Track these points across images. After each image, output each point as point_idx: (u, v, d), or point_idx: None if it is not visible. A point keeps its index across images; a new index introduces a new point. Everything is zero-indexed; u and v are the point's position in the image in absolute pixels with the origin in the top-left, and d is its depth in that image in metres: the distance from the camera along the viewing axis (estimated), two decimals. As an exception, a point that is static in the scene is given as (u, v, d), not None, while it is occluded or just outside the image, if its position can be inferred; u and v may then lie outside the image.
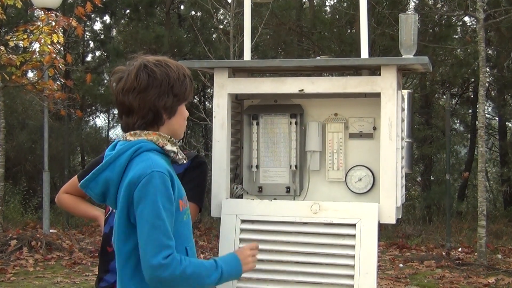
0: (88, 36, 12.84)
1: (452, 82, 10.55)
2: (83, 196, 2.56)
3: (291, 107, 2.32)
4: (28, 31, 6.96)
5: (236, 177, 2.38)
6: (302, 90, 2.15)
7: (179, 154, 1.77)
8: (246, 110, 2.38)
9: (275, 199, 2.21)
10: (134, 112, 1.72)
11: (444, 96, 10.57)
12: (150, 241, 1.59)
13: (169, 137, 1.76)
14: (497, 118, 11.68)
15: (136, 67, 1.72)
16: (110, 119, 13.28)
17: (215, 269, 1.69)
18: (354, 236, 2.05)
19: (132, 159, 1.69)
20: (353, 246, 2.04)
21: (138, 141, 1.72)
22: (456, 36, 10.64)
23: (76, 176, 2.56)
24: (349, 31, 10.52)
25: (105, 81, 11.92)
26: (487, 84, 7.74)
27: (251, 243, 1.90)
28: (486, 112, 8.31)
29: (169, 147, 1.75)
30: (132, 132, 1.73)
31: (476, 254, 6.74)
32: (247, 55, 2.39)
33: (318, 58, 2.30)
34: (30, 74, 8.50)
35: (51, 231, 8.15)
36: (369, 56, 2.24)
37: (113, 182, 1.69)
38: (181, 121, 1.80)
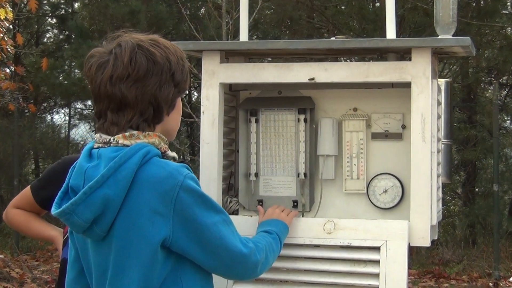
0: (44, 11, 12.85)
1: (501, 69, 10.56)
2: (37, 212, 2.57)
3: (299, 100, 2.33)
4: (-31, 5, 6.96)
5: (230, 188, 2.38)
6: (312, 78, 2.15)
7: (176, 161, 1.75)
8: (242, 103, 2.38)
9: (278, 215, 2.21)
10: (129, 106, 1.66)
11: (491, 87, 10.57)
12: (226, 238, 1.67)
13: (165, 139, 1.73)
14: (557, 114, 11.69)
15: (128, 48, 1.67)
16: (71, 115, 13.29)
17: (276, 238, 1.95)
18: (378, 262, 2.05)
19: (139, 168, 1.62)
20: (377, 275, 2.05)
21: (141, 144, 1.65)
22: (506, 12, 10.66)
23: (28, 187, 2.56)
24: (372, 5, 10.54)
25: (66, 67, 11.93)
26: (545, 71, 7.74)
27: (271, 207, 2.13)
28: (544, 106, 8.31)
29: (170, 152, 1.72)
30: (127, 134, 1.66)
31: (531, 285, 6.74)
32: (243, 34, 2.40)
33: (333, 38, 2.30)
34: (-29, 59, 8.49)
35: (-4, 256, 8.14)
36: (397, 36, 2.24)
37: (114, 202, 1.61)
38: (178, 118, 1.78)
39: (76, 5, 13.07)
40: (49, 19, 13.39)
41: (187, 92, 12.07)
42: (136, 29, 1.79)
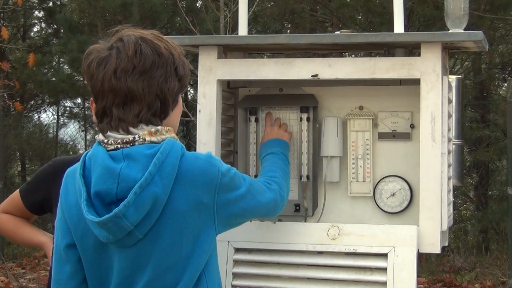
0: (31, 3, 12.85)
1: (516, 65, 10.57)
2: (27, 217, 2.57)
3: (301, 98, 2.33)
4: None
5: (228, 191, 2.38)
6: (316, 75, 2.15)
7: None
8: (241, 102, 2.38)
9: (280, 220, 2.21)
10: (135, 100, 1.68)
11: (506, 84, 10.58)
12: (258, 196, 1.84)
13: None
14: None
15: (132, 41, 1.70)
16: (60, 114, 13.29)
17: (286, 159, 2.16)
18: (385, 269, 2.05)
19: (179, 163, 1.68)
20: (384, 283, 2.05)
21: (172, 139, 1.70)
22: (522, 4, 10.65)
23: (17, 191, 2.56)
24: (379, -3, 10.54)
25: (54, 63, 11.92)
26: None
27: (266, 123, 2.29)
28: (561, 104, 8.30)
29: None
30: (153, 130, 1.69)
31: (548, 294, 6.74)
32: (242, 28, 2.40)
33: (337, 32, 2.30)
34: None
35: (-20, 263, 8.14)
36: (405, 31, 2.25)
37: (161, 200, 1.64)
38: (179, 116, 1.82)
39: (65, -3, 13.07)
40: (36, 12, 13.39)
41: (183, 90, 12.05)
42: (128, 22, 1.81)
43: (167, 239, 1.67)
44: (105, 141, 1.70)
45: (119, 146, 1.69)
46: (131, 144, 1.68)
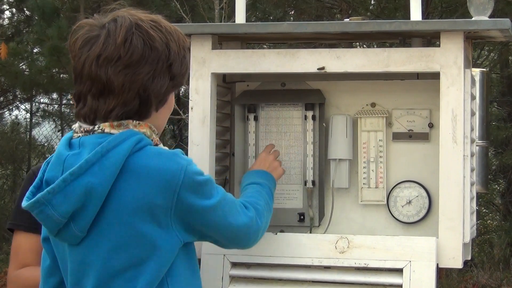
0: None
1: (548, 57, 10.57)
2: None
3: (306, 94, 2.33)
4: None
5: (223, 198, 2.38)
6: (322, 68, 2.16)
7: None
8: (238, 98, 2.39)
9: (282, 231, 2.22)
10: (112, 93, 1.70)
11: (536, 78, 10.58)
12: (230, 210, 1.79)
13: (156, 132, 1.79)
14: None
15: (125, 26, 1.70)
16: (34, 111, 13.27)
17: (271, 194, 2.09)
18: (400, 287, 2.06)
19: (130, 155, 1.67)
20: (399, 302, 2.05)
21: (132, 131, 1.70)
22: (554, -12, 10.65)
23: (16, 235, 2.29)
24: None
25: (26, 54, 11.91)
26: None
27: (265, 149, 2.25)
28: None
29: (162, 146, 1.77)
30: (115, 123, 1.71)
31: None
32: (240, 16, 2.40)
33: (346, 20, 2.31)
34: None
35: None
36: (423, 18, 2.25)
37: (98, 192, 1.64)
38: (167, 115, 1.83)
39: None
40: (6, -3, 13.37)
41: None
42: (115, 6, 1.81)
43: (113, 239, 1.67)
44: (76, 129, 1.76)
45: (81, 135, 1.73)
46: (90, 133, 1.72)
